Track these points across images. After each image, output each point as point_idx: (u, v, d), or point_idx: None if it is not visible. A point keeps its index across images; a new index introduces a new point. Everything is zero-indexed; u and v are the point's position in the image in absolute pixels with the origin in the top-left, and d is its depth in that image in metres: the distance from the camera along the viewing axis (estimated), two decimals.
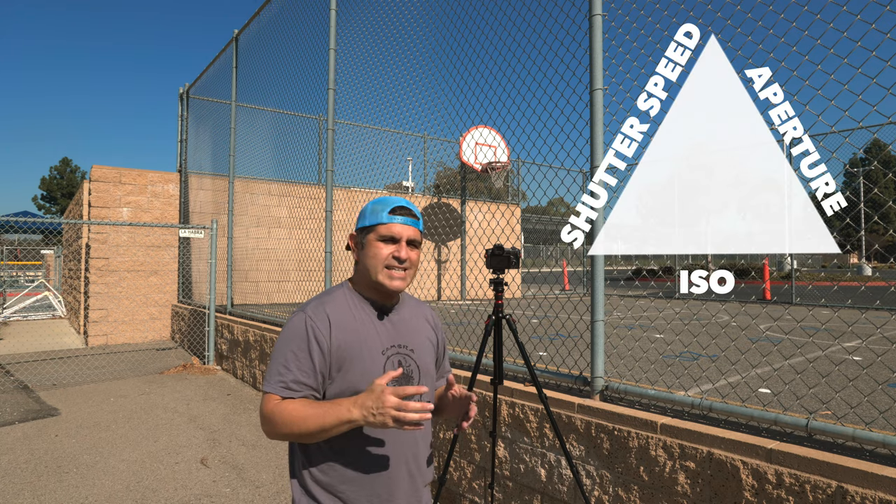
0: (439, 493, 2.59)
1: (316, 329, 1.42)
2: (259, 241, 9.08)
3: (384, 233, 1.48)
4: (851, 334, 6.90)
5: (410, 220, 1.51)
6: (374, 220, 1.49)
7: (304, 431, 1.34)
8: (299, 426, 1.33)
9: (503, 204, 14.65)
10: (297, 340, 1.42)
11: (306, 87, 6.49)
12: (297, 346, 1.41)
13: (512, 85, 3.76)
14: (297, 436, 1.36)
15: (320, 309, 1.47)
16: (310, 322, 1.43)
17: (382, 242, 1.48)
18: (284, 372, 1.39)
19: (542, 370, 3.28)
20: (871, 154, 10.61)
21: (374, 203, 1.53)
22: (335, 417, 1.31)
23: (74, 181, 57.00)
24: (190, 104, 11.48)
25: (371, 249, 1.49)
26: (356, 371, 1.43)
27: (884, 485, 1.85)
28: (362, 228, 1.53)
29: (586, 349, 3.09)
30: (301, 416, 1.34)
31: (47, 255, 24.43)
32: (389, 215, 1.49)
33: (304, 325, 1.43)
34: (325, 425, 1.32)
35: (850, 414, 3.15)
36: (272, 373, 1.41)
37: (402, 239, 1.49)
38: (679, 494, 2.38)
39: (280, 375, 1.40)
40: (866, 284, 14.54)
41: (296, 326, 1.44)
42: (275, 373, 1.41)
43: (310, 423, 1.33)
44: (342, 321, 1.46)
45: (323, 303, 1.49)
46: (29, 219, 8.47)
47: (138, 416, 5.58)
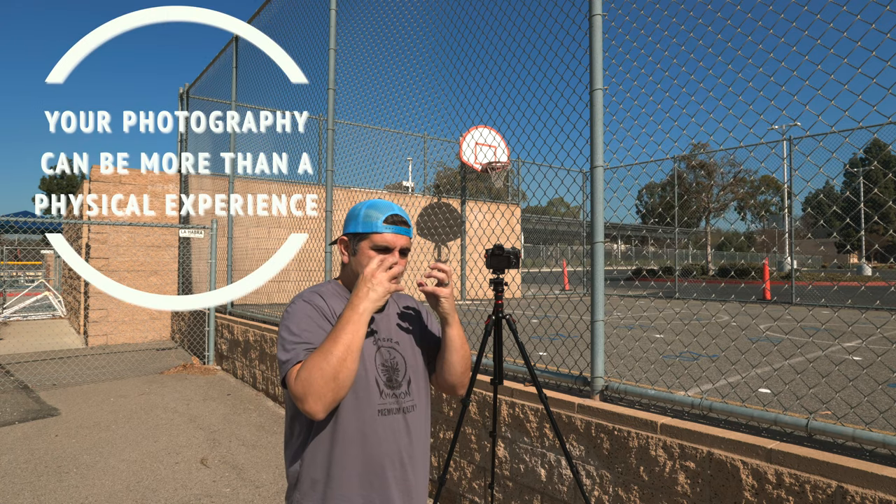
0: (439, 493, 2.59)
1: (317, 307, 1.46)
2: (259, 242, 9.08)
3: (378, 242, 1.48)
4: (851, 334, 6.90)
5: (403, 230, 1.51)
6: (369, 229, 1.49)
7: (338, 359, 1.29)
8: (329, 359, 1.28)
9: (503, 204, 14.64)
10: (303, 316, 1.43)
11: (306, 87, 6.49)
12: (305, 320, 1.42)
13: (512, 85, 3.76)
14: (334, 371, 1.28)
15: (315, 295, 1.50)
16: (312, 300, 1.47)
17: (375, 252, 1.48)
18: (300, 343, 1.38)
19: (542, 370, 3.28)
20: (871, 154, 10.61)
21: (367, 207, 1.51)
22: (347, 320, 1.32)
23: (74, 181, 57.02)
24: (190, 104, 11.48)
25: (363, 258, 1.49)
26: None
27: (884, 485, 1.85)
28: (355, 234, 1.52)
29: (586, 349, 3.09)
30: (324, 350, 1.30)
31: (47, 255, 24.43)
32: (384, 224, 1.48)
33: (306, 304, 1.46)
34: (345, 335, 1.31)
35: (850, 414, 3.15)
36: (286, 349, 1.38)
37: (396, 249, 1.49)
38: (679, 494, 2.38)
39: (297, 346, 1.38)
40: (866, 284, 14.55)
41: (298, 308, 1.46)
42: (290, 347, 1.38)
43: (338, 347, 1.29)
44: (336, 308, 1.49)
45: (317, 291, 1.52)
46: (29, 219, 8.46)
47: (138, 416, 5.58)
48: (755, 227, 38.86)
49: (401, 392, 1.52)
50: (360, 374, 1.44)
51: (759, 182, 31.15)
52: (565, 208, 14.24)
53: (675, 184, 14.93)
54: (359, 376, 1.43)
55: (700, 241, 33.27)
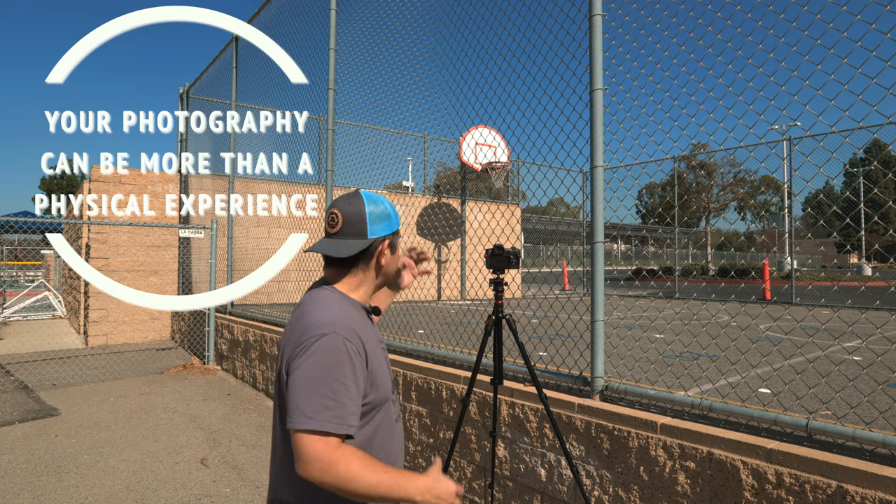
0: None
1: (353, 352, 1.30)
2: (259, 242, 9.08)
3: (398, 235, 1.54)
4: (851, 334, 6.90)
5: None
6: (398, 224, 1.52)
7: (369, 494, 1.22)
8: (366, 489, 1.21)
9: (503, 204, 14.64)
10: (340, 367, 1.27)
11: (306, 87, 6.49)
12: (342, 374, 1.27)
13: (512, 85, 3.76)
14: (354, 494, 1.22)
15: (349, 327, 1.33)
16: (349, 345, 1.30)
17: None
18: (334, 406, 1.23)
19: (542, 370, 3.28)
20: (871, 154, 10.61)
21: (386, 203, 1.50)
22: (403, 492, 1.25)
23: (74, 181, 57.02)
24: (190, 104, 11.48)
25: (398, 252, 1.53)
26: (381, 379, 1.40)
27: (884, 485, 1.85)
28: (395, 233, 1.51)
29: (586, 349, 3.09)
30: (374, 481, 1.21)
31: (47, 255, 24.43)
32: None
33: (344, 349, 1.29)
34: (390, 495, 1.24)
35: (850, 414, 3.15)
36: (316, 406, 1.22)
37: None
38: (679, 494, 2.38)
39: (330, 410, 1.22)
40: (866, 284, 14.55)
41: (335, 350, 1.28)
42: (321, 406, 1.22)
43: (381, 489, 1.22)
44: (365, 333, 1.38)
45: (345, 318, 1.36)
46: (29, 219, 8.46)
47: (138, 416, 5.58)
48: (755, 227, 38.88)
49: (395, 392, 1.53)
50: (386, 388, 1.42)
51: (759, 182, 31.16)
52: (565, 208, 14.25)
53: (675, 184, 14.93)
54: (386, 391, 1.42)
55: (700, 241, 33.28)
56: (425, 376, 3.88)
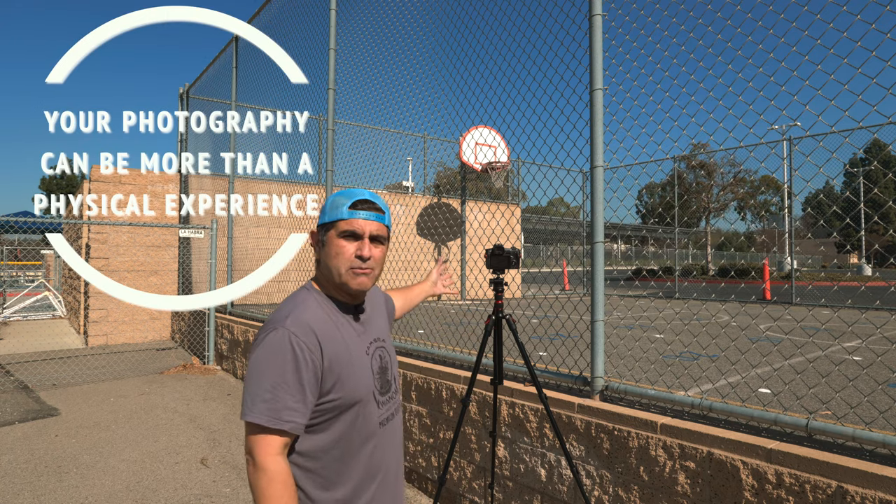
0: (439, 493, 2.59)
1: (304, 348, 1.27)
2: (259, 242, 9.08)
3: (345, 228, 1.36)
4: (851, 334, 6.90)
5: (374, 215, 1.39)
6: (335, 216, 1.37)
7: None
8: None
9: (503, 204, 14.65)
10: (282, 362, 1.24)
11: (306, 87, 6.49)
12: (283, 369, 1.24)
13: (512, 85, 3.76)
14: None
15: (302, 322, 1.30)
16: (295, 340, 1.26)
17: (344, 240, 1.36)
18: (270, 399, 1.22)
19: (542, 370, 3.28)
20: (871, 154, 10.61)
21: (335, 196, 1.41)
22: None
23: (74, 181, 57.02)
24: (190, 104, 11.48)
25: (332, 248, 1.37)
26: (351, 381, 1.34)
27: (884, 485, 1.85)
28: (323, 224, 1.40)
29: (586, 349, 3.09)
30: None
31: (47, 255, 24.43)
32: (350, 210, 1.37)
33: (289, 344, 1.26)
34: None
35: (850, 414, 3.15)
36: (254, 398, 1.23)
37: (365, 235, 1.37)
38: (679, 494, 2.38)
39: (266, 403, 1.22)
40: (866, 284, 14.56)
41: (279, 345, 1.26)
42: (258, 399, 1.22)
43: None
44: (327, 332, 1.33)
45: (302, 314, 1.32)
46: (29, 219, 8.46)
47: (138, 416, 5.58)
48: (755, 227, 38.87)
49: (391, 393, 1.48)
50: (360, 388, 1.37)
51: (759, 182, 31.17)
52: (565, 208, 14.24)
53: (675, 184, 14.93)
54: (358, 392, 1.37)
55: (700, 241, 33.28)
56: (425, 376, 3.88)
